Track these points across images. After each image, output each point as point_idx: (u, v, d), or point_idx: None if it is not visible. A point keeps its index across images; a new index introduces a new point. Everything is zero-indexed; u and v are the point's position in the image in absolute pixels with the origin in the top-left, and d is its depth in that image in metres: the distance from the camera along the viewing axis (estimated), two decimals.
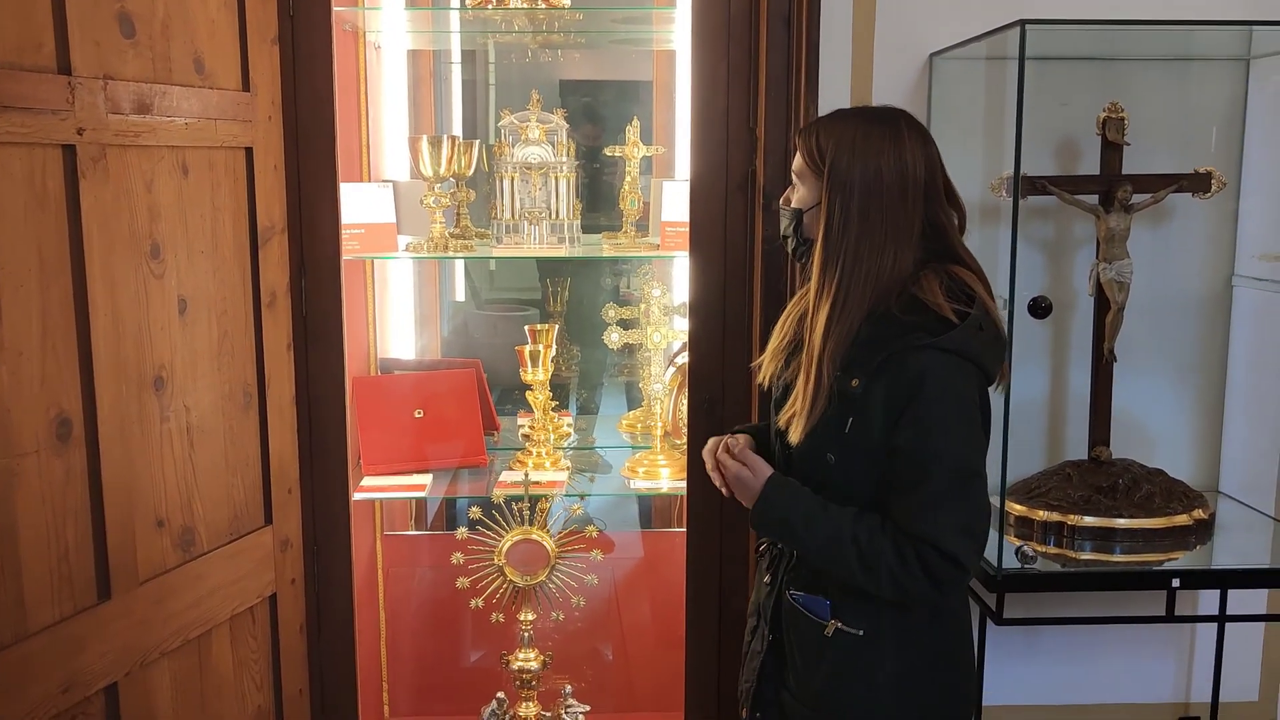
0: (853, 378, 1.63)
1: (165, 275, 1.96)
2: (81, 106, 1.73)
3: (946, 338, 1.60)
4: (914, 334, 1.61)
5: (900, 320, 1.62)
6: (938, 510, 1.60)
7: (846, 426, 1.65)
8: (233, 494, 2.16)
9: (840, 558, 1.65)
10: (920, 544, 1.60)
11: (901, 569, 1.61)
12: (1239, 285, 2.46)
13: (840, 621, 1.71)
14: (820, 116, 1.76)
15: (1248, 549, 2.34)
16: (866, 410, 1.63)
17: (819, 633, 1.73)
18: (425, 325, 3.43)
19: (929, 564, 1.60)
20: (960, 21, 2.27)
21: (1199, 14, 2.30)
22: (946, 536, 1.59)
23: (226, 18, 2.08)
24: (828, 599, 1.73)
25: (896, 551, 1.61)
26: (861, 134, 1.66)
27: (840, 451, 1.67)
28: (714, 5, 2.27)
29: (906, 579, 1.61)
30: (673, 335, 2.95)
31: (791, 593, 1.79)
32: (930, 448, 1.60)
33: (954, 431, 1.62)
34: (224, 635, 2.16)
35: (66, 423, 1.76)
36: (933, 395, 1.60)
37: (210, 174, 2.06)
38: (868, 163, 1.64)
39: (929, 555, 1.59)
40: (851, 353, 1.64)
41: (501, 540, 2.63)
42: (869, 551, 1.62)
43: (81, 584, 1.81)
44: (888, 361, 1.61)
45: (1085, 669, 2.60)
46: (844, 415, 1.65)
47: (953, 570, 1.60)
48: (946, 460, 1.60)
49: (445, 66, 3.55)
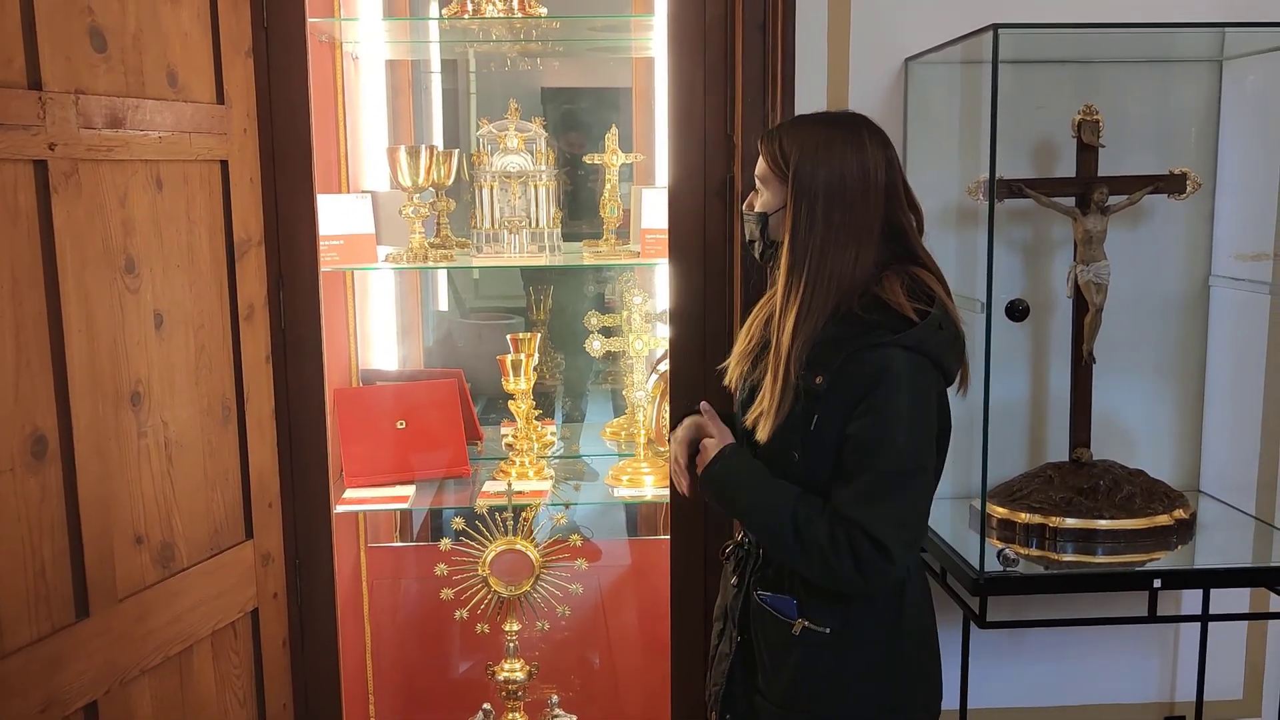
0: (816, 375, 1.67)
1: (140, 290, 1.95)
2: (53, 121, 1.72)
3: (906, 335, 1.64)
4: (876, 331, 1.65)
5: (863, 319, 1.66)
6: (876, 499, 1.64)
7: (812, 424, 1.68)
8: (212, 509, 2.15)
9: (778, 530, 1.69)
10: (852, 529, 1.63)
11: (832, 551, 1.64)
12: (1216, 285, 2.47)
13: (807, 620, 1.74)
14: (782, 123, 1.80)
15: (1229, 548, 2.34)
16: (830, 406, 1.67)
17: (786, 632, 1.76)
18: (407, 335, 3.43)
19: (858, 550, 1.63)
20: (935, 26, 2.28)
21: (1172, 16, 2.32)
22: (879, 525, 1.63)
23: (200, 30, 2.07)
24: (794, 598, 1.75)
25: (830, 534, 1.65)
26: (824, 139, 1.69)
27: (805, 449, 1.70)
28: (690, 13, 2.27)
29: (835, 561, 1.64)
30: (655, 342, 2.95)
31: (759, 594, 1.81)
32: (879, 438, 1.64)
33: (905, 426, 1.65)
34: (205, 651, 2.14)
35: (42, 440, 1.75)
36: (889, 389, 1.64)
37: (185, 187, 2.05)
38: (831, 167, 1.67)
39: (859, 541, 1.63)
40: (815, 351, 1.67)
41: (485, 551, 2.62)
42: (805, 529, 1.66)
43: (59, 602, 1.79)
44: (850, 358, 1.65)
45: (1070, 670, 2.61)
46: (809, 413, 1.68)
47: (880, 560, 1.63)
48: (892, 453, 1.64)
49: (424, 76, 3.55)
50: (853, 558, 1.63)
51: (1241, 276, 2.44)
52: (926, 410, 1.68)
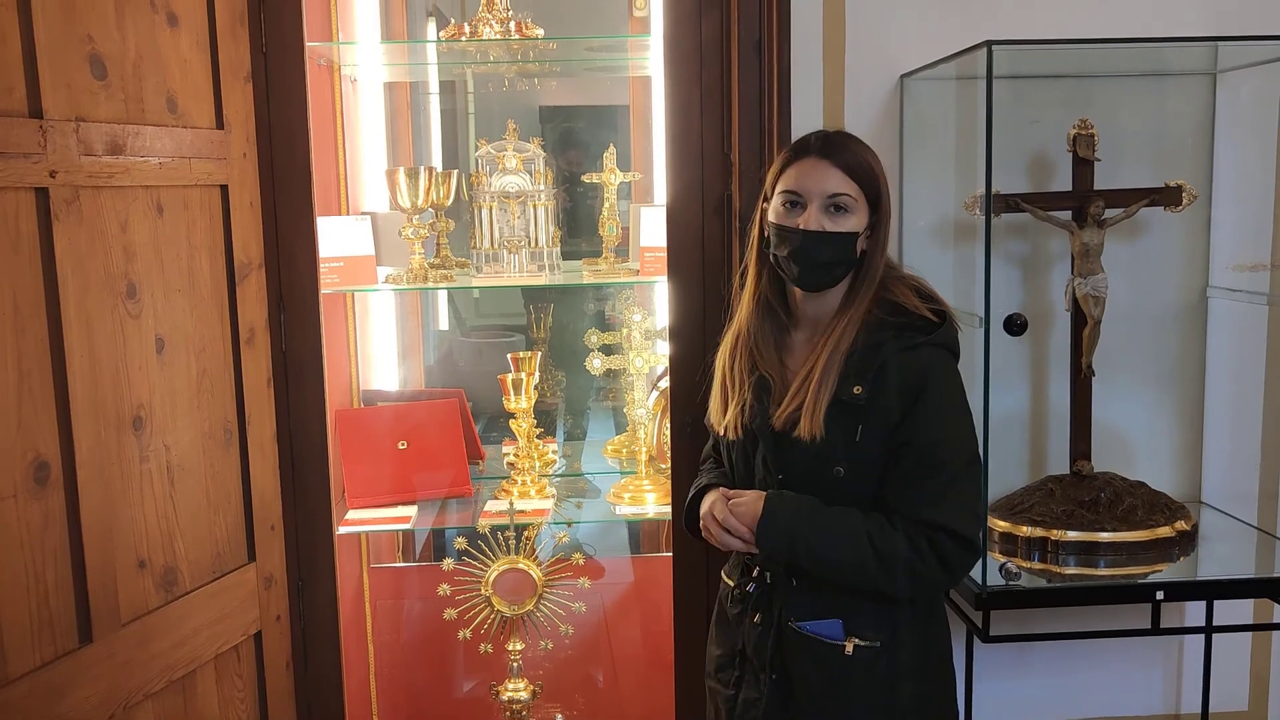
0: (855, 385, 1.69)
1: (142, 315, 1.95)
2: (54, 149, 1.73)
3: (940, 334, 1.72)
4: (908, 334, 1.70)
5: (891, 323, 1.71)
6: (951, 497, 1.69)
7: (857, 435, 1.70)
8: (215, 532, 2.16)
9: (857, 559, 1.68)
10: (934, 532, 1.67)
11: (918, 560, 1.67)
12: (1214, 296, 2.48)
13: (857, 637, 1.73)
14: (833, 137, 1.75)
15: (1232, 559, 2.34)
16: (873, 415, 1.69)
17: (839, 655, 1.74)
18: (408, 355, 3.43)
19: (943, 551, 1.67)
20: (930, 43, 2.29)
21: (1165, 31, 2.33)
22: (960, 521, 1.68)
23: (199, 57, 2.08)
24: (838, 619, 1.74)
25: (910, 544, 1.67)
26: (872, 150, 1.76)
27: (850, 462, 1.71)
28: (685, 32, 2.29)
29: (922, 568, 1.67)
30: (655, 360, 2.96)
31: (798, 625, 1.76)
32: (943, 438, 1.70)
33: (961, 421, 1.73)
34: (209, 675, 2.14)
35: (44, 466, 1.75)
36: (938, 388, 1.70)
37: (185, 212, 2.06)
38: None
39: (943, 542, 1.67)
40: (850, 361, 1.70)
41: (488, 570, 2.63)
42: (884, 547, 1.68)
43: (63, 628, 1.80)
44: (888, 363, 1.69)
45: (1075, 683, 2.60)
46: (852, 424, 1.70)
47: (967, 554, 1.70)
48: (956, 448, 1.71)
49: (423, 97, 3.57)
50: (938, 560, 1.67)
51: (1239, 287, 2.44)
52: (966, 402, 1.75)
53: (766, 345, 1.82)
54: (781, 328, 1.84)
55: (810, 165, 1.71)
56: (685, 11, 2.28)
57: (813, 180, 1.71)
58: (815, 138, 1.75)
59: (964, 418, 1.74)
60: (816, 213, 1.70)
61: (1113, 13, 2.36)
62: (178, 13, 2.02)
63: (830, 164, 1.71)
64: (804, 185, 1.71)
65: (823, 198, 1.70)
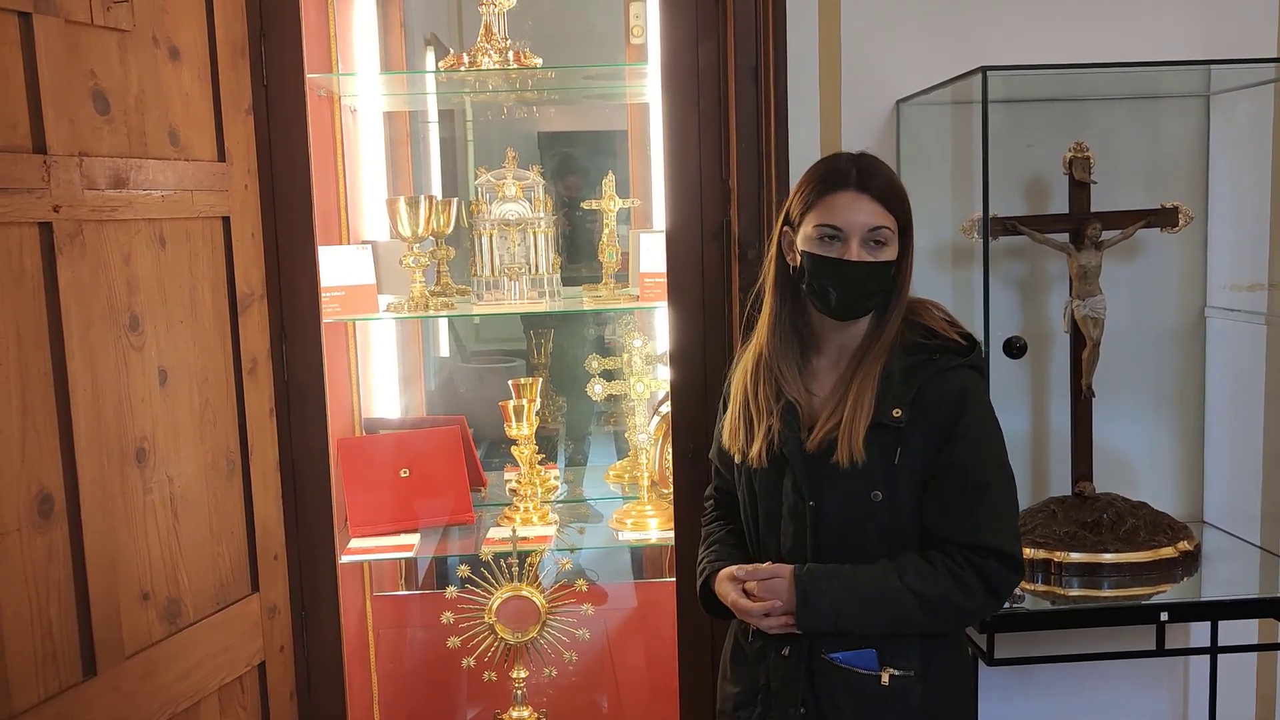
0: (893, 408, 1.69)
1: (145, 347, 1.96)
2: (57, 184, 1.75)
3: (974, 356, 1.75)
4: (944, 356, 1.72)
5: (926, 345, 1.73)
6: (997, 518, 1.70)
7: (896, 458, 1.69)
8: (218, 563, 2.16)
9: (903, 616, 1.68)
10: (980, 558, 1.67)
11: (966, 597, 1.68)
12: (1212, 316, 2.49)
13: (892, 667, 1.72)
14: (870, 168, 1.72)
15: (1236, 579, 2.34)
16: (913, 437, 1.70)
17: (875, 686, 1.71)
18: (410, 383, 3.44)
19: (989, 576, 1.68)
20: (925, 68, 2.31)
21: (1158, 55, 2.34)
22: (1006, 542, 1.69)
23: (200, 90, 2.10)
24: (872, 648, 1.72)
25: (954, 580, 1.67)
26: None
27: (889, 486, 1.70)
28: (682, 59, 2.31)
29: (971, 604, 1.69)
30: (656, 385, 2.96)
31: (829, 656, 1.73)
32: (986, 461, 1.71)
33: (998, 441, 1.75)
34: (213, 706, 2.13)
35: (48, 499, 1.76)
36: (976, 411, 1.72)
37: (188, 244, 2.07)
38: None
39: (989, 568, 1.67)
40: (888, 384, 1.71)
41: (491, 598, 2.62)
42: (929, 595, 1.67)
43: (66, 661, 1.79)
44: (926, 385, 1.70)
45: (1081, 705, 2.59)
46: (892, 447, 1.70)
47: (1014, 575, 1.70)
48: (996, 469, 1.73)
49: (422, 126, 3.60)
50: (984, 587, 1.68)
51: (1237, 307, 2.45)
52: (998, 422, 1.77)
53: (791, 371, 1.78)
54: (803, 353, 1.80)
55: (850, 200, 1.68)
56: (682, 39, 2.30)
57: (853, 214, 1.68)
58: (851, 168, 1.70)
59: (1000, 438, 1.75)
60: (857, 247, 1.68)
61: (1107, 37, 2.38)
62: (179, 46, 2.04)
63: (869, 197, 1.68)
64: (845, 220, 1.68)
65: (863, 231, 1.68)
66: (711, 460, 1.97)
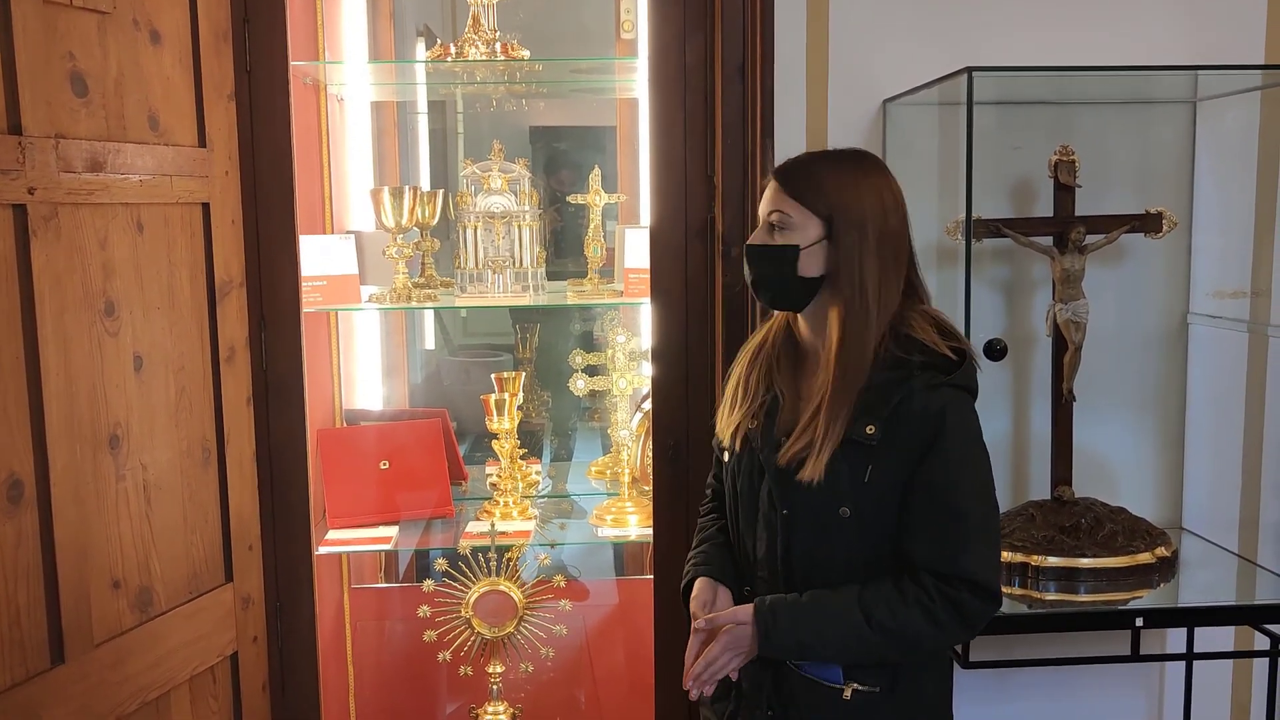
0: (867, 424, 1.63)
1: (120, 333, 1.95)
2: (32, 166, 1.73)
3: (959, 375, 1.65)
4: (926, 373, 1.64)
5: (907, 361, 1.65)
6: (971, 546, 1.62)
7: (866, 475, 1.64)
8: (192, 552, 2.14)
9: (870, 652, 1.64)
10: (954, 589, 1.61)
11: (936, 630, 1.62)
12: (1194, 323, 2.49)
13: (856, 682, 1.69)
14: (798, 159, 1.74)
15: (1213, 586, 2.34)
16: (886, 456, 1.63)
17: (837, 699, 1.69)
18: (393, 375, 3.43)
19: (962, 606, 1.62)
20: (912, 68, 2.30)
21: (1145, 59, 2.34)
22: (980, 571, 1.62)
23: (182, 75, 2.08)
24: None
25: (925, 614, 1.61)
26: (861, 171, 1.69)
27: (857, 503, 1.64)
28: (670, 56, 2.30)
29: (941, 635, 1.63)
30: (639, 381, 2.95)
31: (795, 664, 1.72)
32: (962, 486, 1.63)
33: (980, 465, 1.67)
34: (183, 696, 2.12)
35: (18, 484, 1.74)
36: (956, 433, 1.63)
37: (166, 230, 2.05)
38: (875, 196, 1.67)
39: (962, 597, 1.61)
40: (863, 399, 1.64)
41: (469, 592, 2.61)
42: (898, 632, 1.62)
43: (34, 648, 1.78)
44: (904, 403, 1.63)
45: (1056, 709, 2.59)
46: (862, 464, 1.64)
47: (989, 606, 1.64)
48: (973, 496, 1.64)
49: (411, 117, 3.58)
50: (957, 618, 1.62)
51: (1219, 314, 2.45)
52: (984, 446, 1.69)
53: (787, 361, 1.78)
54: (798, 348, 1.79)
55: (769, 190, 1.73)
56: (670, 36, 2.29)
57: (764, 203, 1.73)
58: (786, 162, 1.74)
59: (983, 462, 1.68)
60: (761, 231, 1.72)
61: (1095, 40, 2.38)
62: (160, 30, 2.02)
63: (777, 185, 1.71)
64: (760, 209, 1.74)
65: (765, 216, 1.72)
66: (713, 447, 1.94)
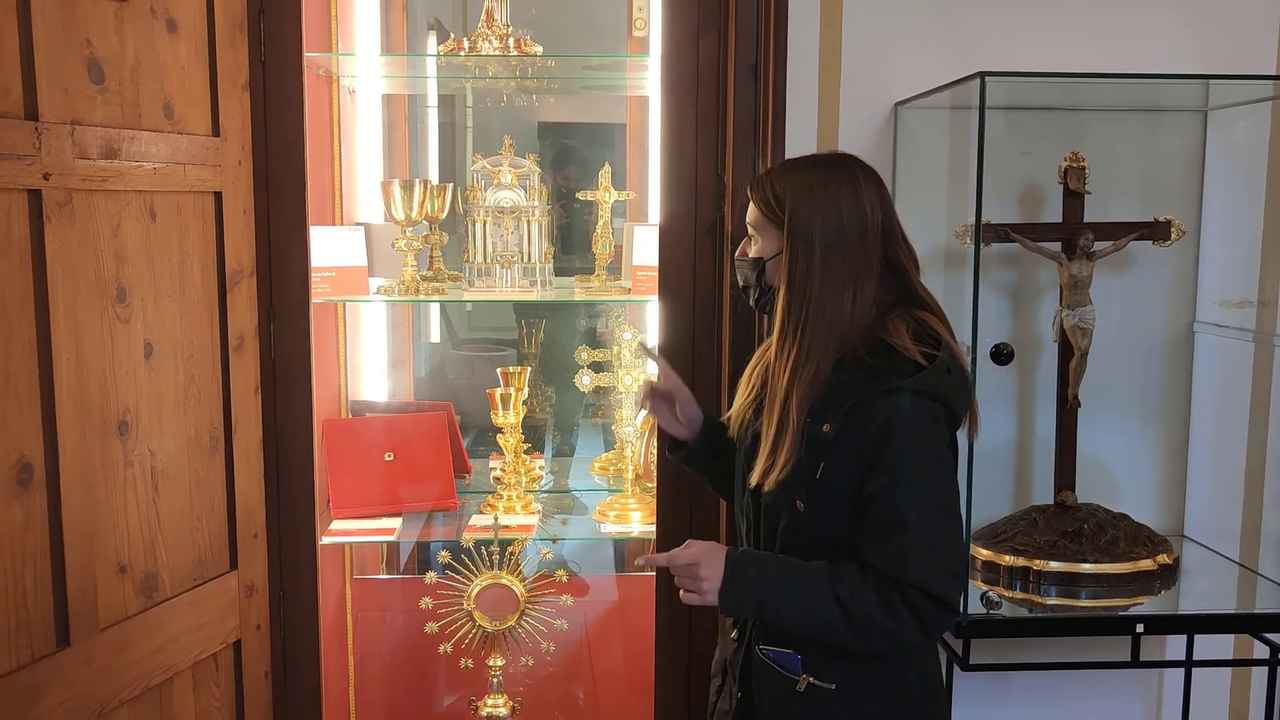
0: (823, 423, 1.64)
1: (131, 319, 1.96)
2: (48, 152, 1.74)
3: (916, 380, 1.61)
4: (883, 378, 1.62)
5: (869, 364, 1.64)
6: (923, 555, 1.59)
7: (818, 473, 1.65)
8: (197, 539, 2.15)
9: (826, 624, 1.63)
10: (907, 590, 1.59)
11: (893, 622, 1.60)
12: (1201, 331, 2.49)
13: (812, 676, 1.69)
14: (771, 168, 1.79)
15: (1213, 594, 2.35)
16: (838, 455, 1.64)
17: (790, 688, 1.71)
18: (398, 367, 3.44)
19: (919, 610, 1.59)
20: (924, 72, 2.31)
21: (1157, 67, 2.35)
22: (934, 580, 1.59)
23: (197, 64, 2.09)
24: (798, 653, 1.71)
25: (884, 605, 1.60)
26: (817, 181, 1.68)
27: (811, 498, 1.66)
28: (683, 55, 2.30)
29: (898, 630, 1.60)
30: (644, 378, 2.96)
31: (761, 648, 1.76)
32: (906, 493, 1.60)
33: (928, 475, 1.63)
34: (186, 682, 2.13)
35: (27, 468, 1.75)
36: (905, 440, 1.60)
37: (179, 218, 2.06)
38: (827, 210, 1.66)
39: (919, 601, 1.59)
40: (822, 399, 1.64)
41: (470, 585, 2.62)
42: (855, 609, 1.60)
43: (40, 631, 1.79)
44: (858, 405, 1.62)
45: (1054, 713, 2.60)
46: (815, 461, 1.65)
47: (944, 614, 1.61)
48: (925, 503, 1.61)
49: (422, 110, 3.59)
50: (915, 620, 1.60)
51: (1226, 323, 2.46)
52: (942, 453, 1.65)
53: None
54: None
55: None
56: (683, 34, 2.30)
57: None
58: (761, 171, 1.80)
59: (933, 470, 1.63)
60: (744, 240, 1.81)
61: (1107, 48, 2.38)
62: (177, 19, 2.03)
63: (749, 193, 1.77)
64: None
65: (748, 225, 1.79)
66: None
